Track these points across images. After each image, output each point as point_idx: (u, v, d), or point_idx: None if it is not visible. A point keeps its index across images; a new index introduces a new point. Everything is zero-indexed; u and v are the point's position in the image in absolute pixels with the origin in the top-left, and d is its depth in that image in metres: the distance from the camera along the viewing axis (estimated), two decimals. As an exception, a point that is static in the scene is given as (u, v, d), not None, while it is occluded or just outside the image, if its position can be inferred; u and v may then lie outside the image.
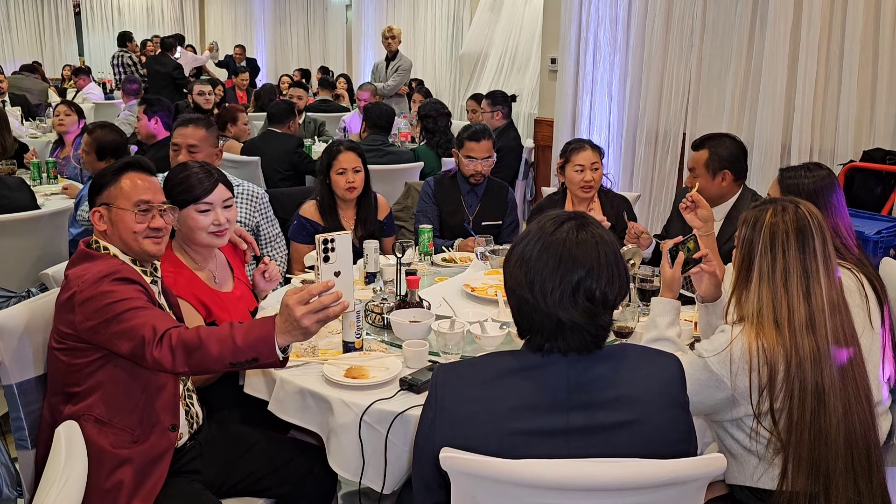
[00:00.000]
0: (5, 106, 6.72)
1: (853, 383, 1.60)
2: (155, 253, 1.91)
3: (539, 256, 1.37)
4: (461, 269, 2.87)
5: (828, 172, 2.17)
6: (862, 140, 3.73)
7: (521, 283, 1.38)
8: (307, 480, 2.04)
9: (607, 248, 1.38)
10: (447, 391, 1.41)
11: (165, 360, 1.64)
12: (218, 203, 2.24)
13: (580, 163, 3.03)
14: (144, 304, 1.72)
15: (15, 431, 1.87)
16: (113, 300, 1.70)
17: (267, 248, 3.14)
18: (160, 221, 1.91)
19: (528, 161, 5.74)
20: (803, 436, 1.57)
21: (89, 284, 1.73)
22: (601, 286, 1.35)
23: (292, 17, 13.51)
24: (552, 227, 1.39)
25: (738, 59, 4.21)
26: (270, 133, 5.05)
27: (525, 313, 1.40)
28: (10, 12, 13.85)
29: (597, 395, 1.37)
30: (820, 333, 1.59)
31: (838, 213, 2.11)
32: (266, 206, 3.12)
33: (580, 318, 1.35)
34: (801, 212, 1.66)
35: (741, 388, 1.61)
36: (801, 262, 1.62)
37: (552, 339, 1.38)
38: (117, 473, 1.74)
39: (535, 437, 1.36)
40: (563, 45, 5.17)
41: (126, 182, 1.89)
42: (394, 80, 7.36)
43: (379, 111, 4.94)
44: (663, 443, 1.39)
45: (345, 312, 2.05)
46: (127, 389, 1.77)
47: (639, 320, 2.19)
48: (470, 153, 3.33)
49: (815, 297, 1.61)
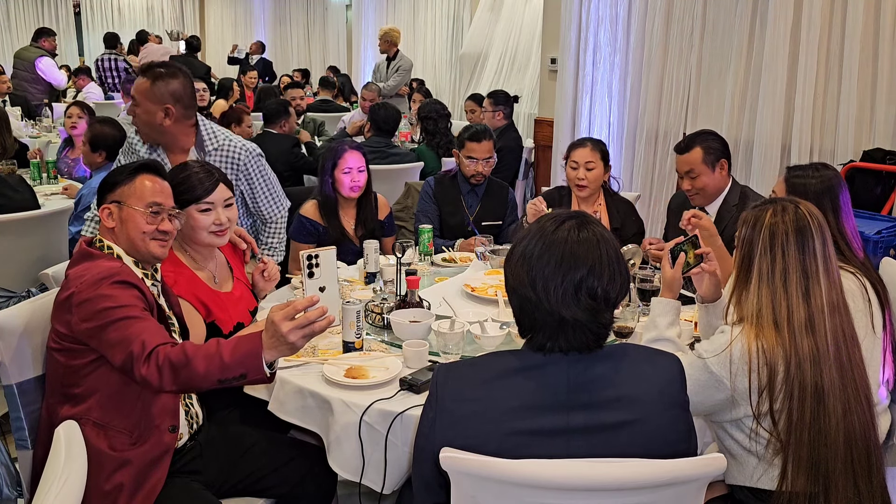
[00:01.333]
0: (6, 105, 6.72)
1: (853, 384, 1.60)
2: (159, 255, 1.92)
3: (541, 255, 1.37)
4: (461, 269, 2.87)
5: (835, 173, 2.15)
6: (862, 140, 3.73)
7: (523, 282, 1.39)
8: (307, 480, 2.04)
9: (608, 246, 1.39)
10: (447, 391, 1.41)
11: (152, 378, 1.64)
12: (219, 203, 2.24)
13: (575, 159, 3.04)
14: (140, 314, 1.72)
15: (15, 431, 1.88)
16: (110, 305, 1.70)
17: (264, 232, 3.00)
18: (168, 225, 1.92)
19: (528, 161, 5.74)
20: (803, 436, 1.57)
21: (88, 286, 1.73)
22: (603, 284, 1.36)
23: (292, 17, 13.49)
24: (553, 227, 1.40)
25: (738, 59, 4.21)
26: (267, 134, 5.05)
27: (527, 312, 1.41)
28: (10, 12, 13.83)
29: (597, 395, 1.38)
30: (819, 334, 1.59)
31: (845, 215, 2.09)
32: (254, 166, 2.85)
33: (582, 316, 1.36)
34: (801, 212, 1.66)
35: (741, 388, 1.61)
36: (800, 262, 1.62)
37: (554, 338, 1.38)
38: (116, 476, 1.74)
39: (535, 437, 1.36)
40: (563, 45, 5.17)
41: (140, 182, 1.91)
42: (394, 80, 7.36)
43: (385, 114, 4.92)
44: (663, 442, 1.39)
45: (344, 311, 2.06)
46: (124, 391, 1.77)
47: (639, 320, 2.19)
48: (471, 153, 3.33)
49: (814, 298, 1.61)
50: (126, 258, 1.88)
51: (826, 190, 2.09)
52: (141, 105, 2.66)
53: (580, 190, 3.05)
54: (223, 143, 2.80)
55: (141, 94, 2.65)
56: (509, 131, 5.37)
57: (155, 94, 2.64)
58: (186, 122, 2.73)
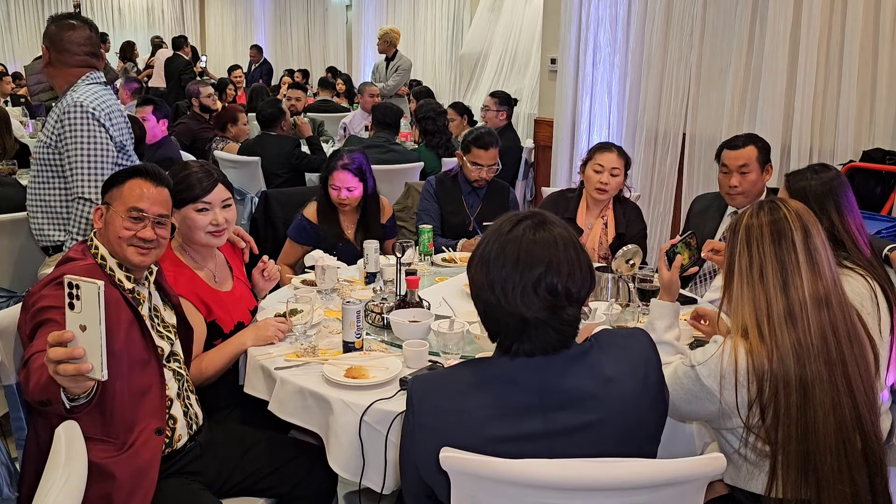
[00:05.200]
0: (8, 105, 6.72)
1: (843, 378, 1.57)
2: (138, 263, 1.86)
3: (497, 256, 1.38)
4: (461, 269, 2.87)
5: (836, 173, 2.14)
6: (862, 140, 3.73)
7: (483, 286, 1.39)
8: (307, 480, 2.04)
9: (566, 243, 1.38)
10: (423, 406, 1.41)
11: (23, 383, 1.56)
12: (216, 203, 2.24)
13: (601, 163, 2.99)
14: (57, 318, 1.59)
15: (15, 431, 1.88)
16: (45, 305, 1.65)
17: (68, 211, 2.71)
18: (150, 233, 1.85)
19: (528, 161, 5.74)
20: (791, 431, 1.55)
21: (39, 287, 1.71)
22: (562, 280, 1.35)
23: (292, 18, 13.50)
24: (508, 227, 1.40)
25: (738, 59, 4.20)
26: (266, 136, 5.02)
27: (491, 316, 1.41)
28: (10, 12, 13.83)
29: (570, 395, 1.38)
30: (801, 327, 1.57)
31: (850, 214, 2.08)
32: (74, 121, 2.62)
33: (544, 315, 1.35)
34: (781, 211, 1.64)
35: (730, 402, 1.60)
36: (776, 255, 1.61)
37: (519, 340, 1.38)
38: (104, 487, 1.70)
39: (515, 442, 1.36)
40: (563, 46, 5.17)
41: (128, 186, 1.87)
42: (394, 80, 7.36)
43: (385, 108, 4.93)
44: (646, 435, 1.40)
45: (344, 311, 2.06)
46: (102, 400, 1.69)
47: (639, 320, 2.19)
48: (477, 160, 3.31)
49: (793, 289, 1.59)
50: (110, 260, 1.85)
51: (828, 191, 2.08)
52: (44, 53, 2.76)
53: (600, 193, 3.01)
54: (71, 94, 2.68)
55: (45, 40, 2.75)
56: (508, 131, 5.37)
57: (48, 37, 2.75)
58: (64, 70, 2.76)
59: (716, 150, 2.94)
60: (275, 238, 3.59)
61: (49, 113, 2.75)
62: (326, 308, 2.41)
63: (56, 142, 2.68)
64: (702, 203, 3.10)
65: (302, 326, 2.09)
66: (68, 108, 2.65)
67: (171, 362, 1.94)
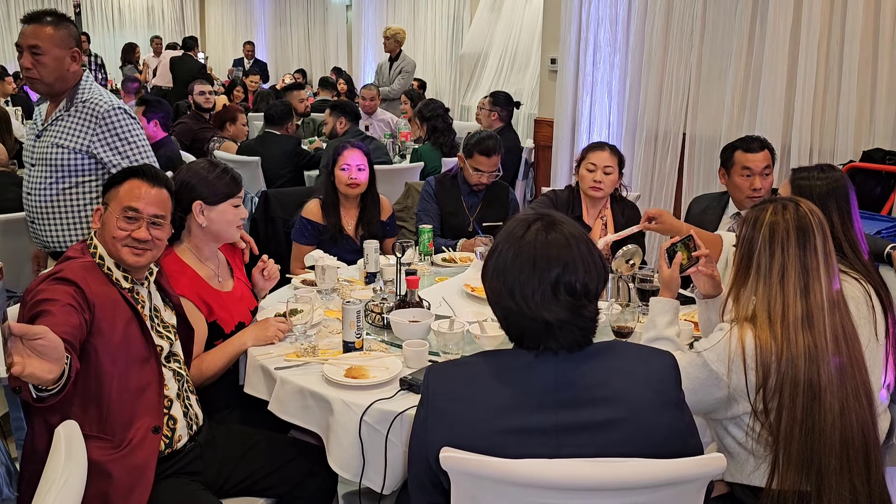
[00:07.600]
0: (8, 105, 6.72)
1: (852, 381, 1.60)
2: (132, 263, 1.85)
3: (513, 263, 1.38)
4: (461, 269, 2.87)
5: (841, 175, 2.13)
6: (862, 140, 3.73)
7: (501, 294, 1.40)
8: (307, 480, 2.04)
9: (578, 241, 1.40)
10: (437, 391, 1.42)
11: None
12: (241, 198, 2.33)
13: (594, 161, 3.01)
14: (51, 308, 1.61)
15: (15, 431, 1.88)
16: (39, 298, 1.66)
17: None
18: (144, 233, 1.84)
19: (528, 161, 5.74)
20: (793, 431, 1.56)
21: (36, 284, 1.72)
22: (580, 278, 1.36)
23: (292, 18, 13.49)
24: (521, 232, 1.41)
25: (738, 59, 4.20)
26: (269, 135, 5.03)
27: (512, 322, 1.41)
28: (10, 12, 13.83)
29: (585, 393, 1.38)
30: (818, 330, 1.58)
31: (851, 218, 2.07)
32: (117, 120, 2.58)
33: (566, 316, 1.36)
34: (802, 210, 1.66)
35: (738, 385, 1.61)
36: (800, 259, 1.62)
37: (545, 342, 1.39)
38: (101, 485, 1.70)
39: (524, 435, 1.36)
40: (563, 46, 5.17)
41: (125, 186, 1.88)
42: (398, 82, 7.32)
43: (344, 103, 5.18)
44: (655, 441, 1.39)
45: (344, 310, 2.06)
46: (99, 397, 1.73)
47: (639, 320, 2.20)
48: (479, 166, 3.32)
49: (814, 295, 1.60)
50: (108, 260, 1.85)
51: (831, 192, 2.07)
52: (48, 53, 2.52)
53: (596, 192, 3.02)
54: (93, 96, 2.61)
55: (47, 42, 2.52)
56: (507, 132, 5.37)
57: (63, 39, 2.55)
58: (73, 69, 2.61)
59: (717, 150, 2.94)
60: (275, 238, 3.59)
61: (48, 113, 2.68)
62: (326, 308, 2.41)
63: (86, 145, 2.56)
64: (700, 204, 3.10)
65: (302, 326, 2.09)
66: (110, 110, 2.56)
67: (170, 362, 1.95)
